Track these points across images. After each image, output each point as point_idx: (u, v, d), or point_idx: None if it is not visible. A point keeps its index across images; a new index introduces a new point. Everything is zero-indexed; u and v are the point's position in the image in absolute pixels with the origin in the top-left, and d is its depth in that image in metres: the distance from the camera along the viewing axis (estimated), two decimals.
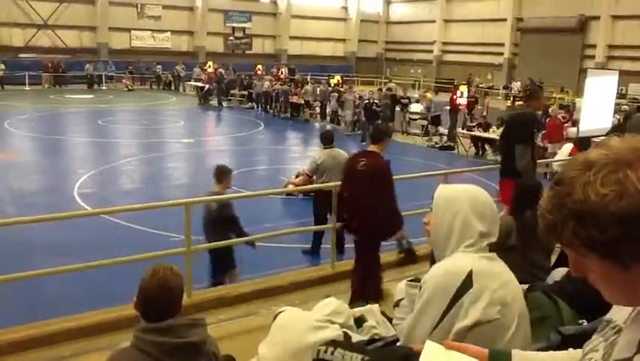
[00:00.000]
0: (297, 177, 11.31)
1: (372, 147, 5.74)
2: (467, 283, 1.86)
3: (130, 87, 33.89)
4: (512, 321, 1.88)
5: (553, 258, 4.26)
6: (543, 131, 14.54)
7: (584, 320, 2.18)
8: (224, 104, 27.89)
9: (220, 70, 31.47)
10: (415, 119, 20.71)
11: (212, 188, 6.52)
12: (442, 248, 2.04)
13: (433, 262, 2.18)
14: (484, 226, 2.00)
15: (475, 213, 2.00)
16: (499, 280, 1.92)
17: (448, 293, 1.88)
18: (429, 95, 23.14)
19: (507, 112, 10.93)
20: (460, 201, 2.03)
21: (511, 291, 1.94)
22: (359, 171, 5.49)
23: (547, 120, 14.97)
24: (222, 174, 6.48)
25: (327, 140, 8.32)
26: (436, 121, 19.90)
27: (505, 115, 11.50)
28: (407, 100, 21.18)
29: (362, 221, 5.53)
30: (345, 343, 2.10)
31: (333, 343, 2.04)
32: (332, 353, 1.97)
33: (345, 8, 47.63)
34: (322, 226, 7.53)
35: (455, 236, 1.99)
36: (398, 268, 6.86)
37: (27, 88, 31.84)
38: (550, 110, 16.75)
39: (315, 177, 8.22)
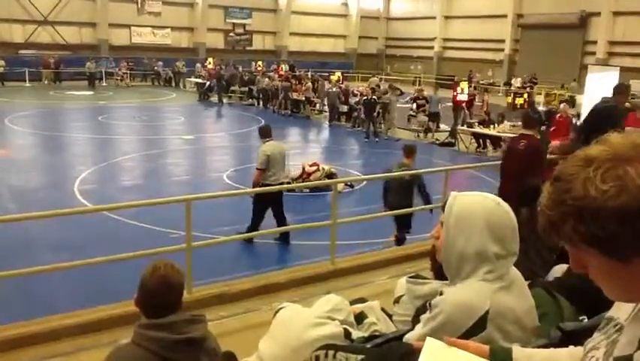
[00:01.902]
0: (310, 165, 11.98)
1: (528, 132, 6.93)
2: (480, 324, 1.73)
3: (121, 81, 33.81)
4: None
5: None
6: (552, 128, 14.40)
7: (585, 317, 2.18)
8: (225, 100, 27.86)
9: (234, 65, 31.98)
10: (415, 116, 20.64)
11: (402, 160, 8.10)
12: (453, 273, 1.86)
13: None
14: (502, 248, 1.80)
15: (493, 236, 1.79)
16: (514, 314, 1.79)
17: (457, 329, 1.75)
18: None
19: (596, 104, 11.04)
20: (474, 223, 1.80)
21: (525, 322, 1.84)
22: (519, 150, 6.74)
23: (557, 117, 14.78)
24: (410, 151, 8.13)
25: (267, 133, 8.51)
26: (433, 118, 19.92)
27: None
28: (424, 101, 20.33)
29: (517, 190, 5.90)
30: (343, 345, 2.06)
31: (331, 346, 2.00)
32: (334, 357, 1.94)
33: (346, 4, 47.54)
34: (322, 223, 7.51)
35: (470, 264, 1.80)
36: (398, 265, 6.87)
37: (27, 84, 31.80)
38: (561, 106, 16.57)
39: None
